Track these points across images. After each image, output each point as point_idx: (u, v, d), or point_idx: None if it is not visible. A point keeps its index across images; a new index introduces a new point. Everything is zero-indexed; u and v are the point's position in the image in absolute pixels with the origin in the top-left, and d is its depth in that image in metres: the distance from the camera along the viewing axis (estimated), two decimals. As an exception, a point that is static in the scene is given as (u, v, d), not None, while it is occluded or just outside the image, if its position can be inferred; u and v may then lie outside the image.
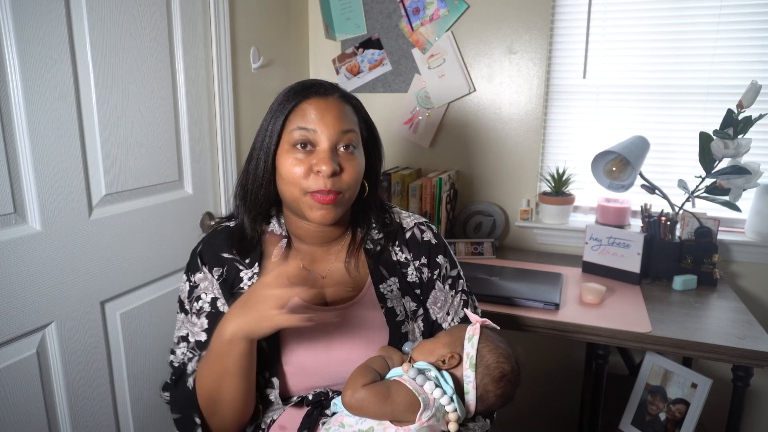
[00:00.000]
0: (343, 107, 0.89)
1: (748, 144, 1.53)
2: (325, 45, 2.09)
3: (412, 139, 2.05)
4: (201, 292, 0.91)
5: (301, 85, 0.91)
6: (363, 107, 0.96)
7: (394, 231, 1.00)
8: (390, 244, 0.99)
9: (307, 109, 0.87)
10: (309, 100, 0.88)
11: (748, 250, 1.75)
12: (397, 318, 0.94)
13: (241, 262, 0.93)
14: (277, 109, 0.89)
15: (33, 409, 1.08)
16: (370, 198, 0.99)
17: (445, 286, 1.00)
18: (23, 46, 1.00)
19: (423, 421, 0.77)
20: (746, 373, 1.28)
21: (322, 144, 0.86)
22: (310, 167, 0.86)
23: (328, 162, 0.84)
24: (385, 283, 0.96)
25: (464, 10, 1.89)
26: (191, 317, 0.91)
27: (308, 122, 0.86)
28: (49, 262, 1.09)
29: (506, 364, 0.85)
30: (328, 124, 0.86)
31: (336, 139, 0.87)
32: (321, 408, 0.89)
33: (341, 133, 0.87)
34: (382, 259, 0.98)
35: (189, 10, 1.43)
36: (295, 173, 0.86)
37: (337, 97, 0.90)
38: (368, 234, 0.99)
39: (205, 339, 0.89)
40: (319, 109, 0.87)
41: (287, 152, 0.87)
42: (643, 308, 1.43)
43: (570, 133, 1.94)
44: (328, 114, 0.87)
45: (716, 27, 1.71)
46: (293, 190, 0.87)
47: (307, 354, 0.90)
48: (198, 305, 0.91)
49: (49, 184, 1.08)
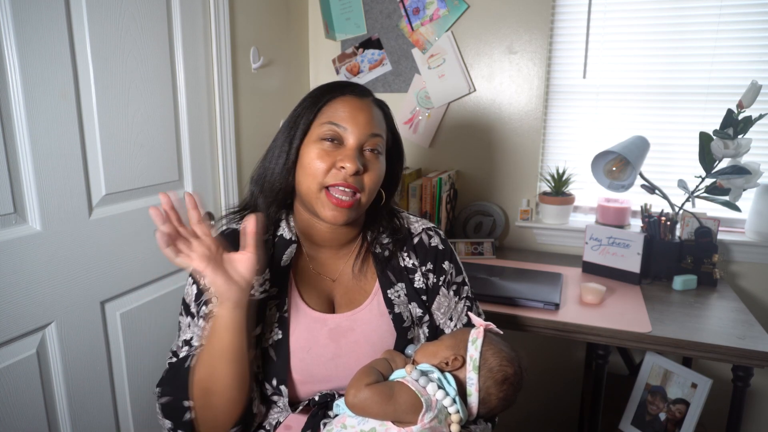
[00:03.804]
0: (375, 111, 0.91)
1: (748, 144, 1.53)
2: (325, 45, 2.09)
3: (412, 139, 2.05)
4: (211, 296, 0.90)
5: (339, 83, 0.92)
6: (392, 116, 0.97)
7: (404, 238, 1.00)
8: (398, 250, 0.99)
9: (341, 105, 0.88)
10: (345, 98, 0.89)
11: (748, 250, 1.75)
12: (404, 324, 0.94)
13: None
14: (311, 101, 0.90)
15: (33, 409, 1.08)
16: (384, 205, 0.99)
17: (449, 292, 1.00)
18: (23, 46, 1.00)
19: (425, 422, 0.77)
20: (746, 373, 1.28)
21: (350, 142, 0.87)
22: (333, 163, 0.86)
23: (353, 160, 0.85)
24: (392, 289, 0.95)
25: (464, 10, 1.89)
26: (198, 321, 0.88)
27: (340, 119, 0.87)
28: (49, 262, 1.09)
29: (509, 368, 0.85)
30: (359, 124, 0.87)
31: (364, 140, 0.88)
32: (326, 409, 0.89)
33: (370, 135, 0.88)
34: (390, 264, 0.97)
35: (189, 10, 1.43)
36: (316, 166, 0.86)
37: (371, 100, 0.92)
38: (377, 239, 0.98)
39: None
40: (353, 108, 0.88)
41: (314, 143, 0.87)
42: (643, 308, 1.43)
43: (570, 133, 1.94)
44: (360, 114, 0.88)
45: (716, 27, 1.71)
46: (311, 183, 0.87)
47: (315, 361, 0.89)
48: (206, 309, 0.89)
49: (49, 184, 1.07)
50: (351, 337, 0.91)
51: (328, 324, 0.91)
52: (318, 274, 0.96)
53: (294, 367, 0.89)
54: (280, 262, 0.92)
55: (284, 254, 0.93)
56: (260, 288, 0.90)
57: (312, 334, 0.90)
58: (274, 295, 0.91)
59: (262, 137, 1.77)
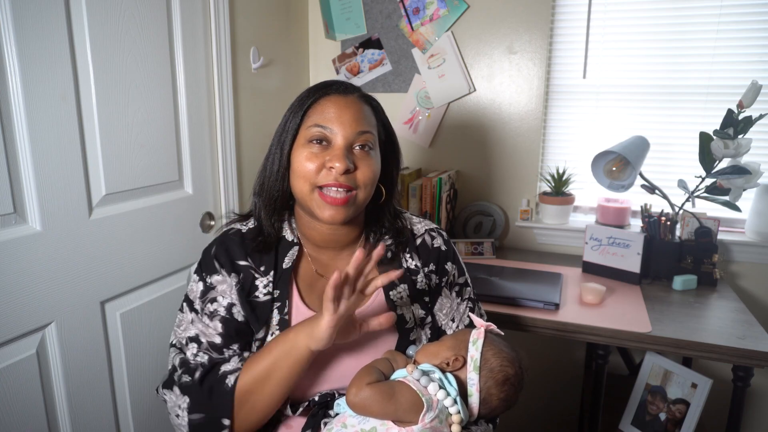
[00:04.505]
0: (361, 107, 0.89)
1: (748, 144, 1.53)
2: (325, 45, 2.09)
3: (412, 139, 2.05)
4: (218, 295, 0.89)
5: (323, 83, 0.91)
6: (382, 110, 0.96)
7: (406, 240, 0.99)
8: (401, 251, 0.99)
9: (325, 105, 0.87)
10: (329, 97, 0.88)
11: (748, 250, 1.75)
12: (407, 325, 0.94)
13: (257, 270, 0.91)
14: (297, 105, 0.90)
15: (33, 409, 1.08)
16: (385, 204, 0.98)
17: (452, 293, 1.00)
18: (23, 47, 1.00)
19: (426, 422, 0.77)
20: (746, 373, 1.28)
21: (338, 142, 0.86)
22: (323, 163, 0.85)
23: (341, 159, 0.84)
24: (395, 290, 0.95)
25: (464, 10, 1.89)
26: (202, 318, 0.88)
27: (325, 119, 0.86)
28: (49, 262, 1.09)
29: (510, 368, 0.85)
30: (345, 123, 0.86)
31: (352, 139, 0.87)
32: (326, 408, 0.89)
33: (358, 133, 0.87)
34: (393, 266, 0.97)
35: (189, 10, 1.43)
36: (306, 168, 0.86)
37: (356, 96, 0.91)
38: (380, 240, 0.98)
39: (220, 342, 0.87)
40: (338, 107, 0.87)
41: (303, 146, 0.87)
42: (643, 308, 1.43)
43: (570, 133, 1.94)
44: (346, 112, 0.87)
45: (716, 27, 1.71)
46: (303, 185, 0.87)
47: (315, 363, 0.89)
48: (212, 307, 0.88)
49: (49, 184, 1.07)
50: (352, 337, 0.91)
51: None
52: (321, 276, 0.96)
53: None
54: (282, 265, 0.92)
55: (286, 257, 0.93)
56: (264, 291, 0.90)
57: None
58: (276, 298, 0.90)
59: (262, 137, 1.77)
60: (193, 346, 0.87)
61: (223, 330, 0.87)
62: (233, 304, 0.88)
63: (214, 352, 0.87)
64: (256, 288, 0.90)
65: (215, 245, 0.93)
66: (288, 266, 0.92)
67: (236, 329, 0.88)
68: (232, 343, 0.88)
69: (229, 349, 0.87)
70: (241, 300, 0.88)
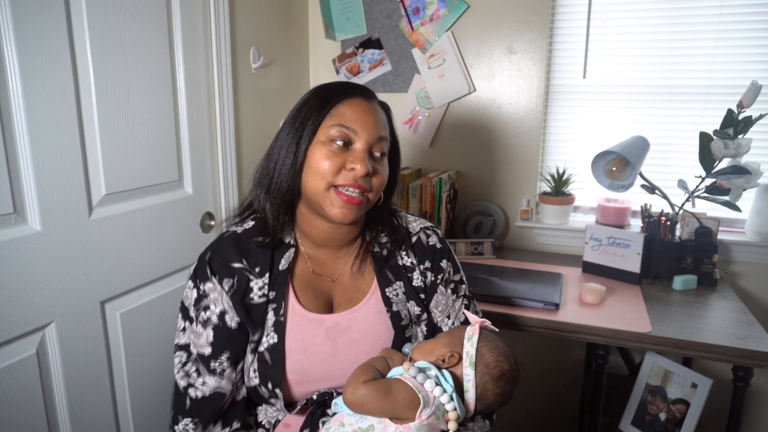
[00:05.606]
0: (380, 114, 0.92)
1: (748, 144, 1.53)
2: (325, 45, 2.09)
3: (412, 139, 2.05)
4: (210, 303, 0.89)
5: (346, 85, 0.92)
6: (392, 118, 0.98)
7: (402, 238, 1.00)
8: (396, 249, 0.99)
9: (350, 107, 0.88)
10: (353, 100, 0.89)
11: (748, 250, 1.75)
12: (402, 322, 0.94)
13: (251, 272, 0.91)
14: (318, 103, 0.89)
15: (33, 409, 1.08)
16: (383, 206, 0.99)
17: (447, 291, 1.00)
18: (23, 46, 1.00)
19: (423, 418, 0.77)
20: (746, 373, 1.28)
21: (359, 144, 0.87)
22: (342, 164, 0.86)
23: (363, 162, 0.85)
24: (390, 287, 0.96)
25: (464, 10, 1.89)
26: (196, 326, 0.89)
27: (349, 121, 0.87)
28: (49, 262, 1.09)
29: (505, 363, 0.86)
30: (369, 127, 0.88)
31: (372, 143, 0.88)
32: (324, 407, 0.89)
33: (378, 138, 0.89)
34: (389, 263, 0.98)
35: (189, 10, 1.43)
36: (324, 167, 0.86)
37: (376, 103, 0.93)
38: (376, 238, 0.99)
39: (210, 352, 0.88)
40: (362, 111, 0.88)
41: (322, 144, 0.87)
42: (643, 308, 1.43)
43: (570, 133, 1.94)
44: (369, 117, 0.88)
45: (716, 27, 1.71)
46: (318, 182, 0.86)
47: (311, 361, 0.89)
48: (205, 315, 0.89)
49: (49, 184, 1.08)
50: (348, 335, 0.91)
51: (326, 323, 0.91)
52: (318, 276, 0.96)
53: (290, 368, 0.89)
54: (278, 267, 0.92)
55: (282, 258, 0.93)
56: (259, 293, 0.90)
57: (308, 336, 0.90)
58: (271, 299, 0.91)
59: (262, 137, 1.77)
60: (182, 355, 0.89)
61: (215, 338, 0.88)
62: (225, 312, 0.89)
63: (201, 365, 0.88)
64: (251, 290, 0.90)
65: (210, 250, 0.93)
66: (284, 268, 0.92)
67: (228, 337, 0.89)
68: (222, 351, 0.88)
69: (218, 360, 0.88)
70: (235, 304, 0.89)
